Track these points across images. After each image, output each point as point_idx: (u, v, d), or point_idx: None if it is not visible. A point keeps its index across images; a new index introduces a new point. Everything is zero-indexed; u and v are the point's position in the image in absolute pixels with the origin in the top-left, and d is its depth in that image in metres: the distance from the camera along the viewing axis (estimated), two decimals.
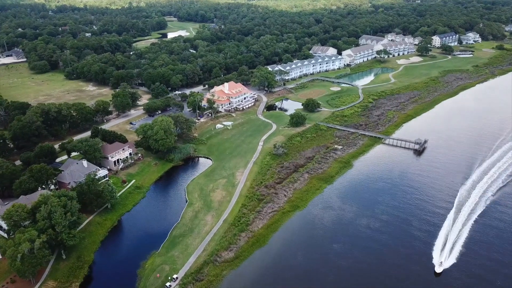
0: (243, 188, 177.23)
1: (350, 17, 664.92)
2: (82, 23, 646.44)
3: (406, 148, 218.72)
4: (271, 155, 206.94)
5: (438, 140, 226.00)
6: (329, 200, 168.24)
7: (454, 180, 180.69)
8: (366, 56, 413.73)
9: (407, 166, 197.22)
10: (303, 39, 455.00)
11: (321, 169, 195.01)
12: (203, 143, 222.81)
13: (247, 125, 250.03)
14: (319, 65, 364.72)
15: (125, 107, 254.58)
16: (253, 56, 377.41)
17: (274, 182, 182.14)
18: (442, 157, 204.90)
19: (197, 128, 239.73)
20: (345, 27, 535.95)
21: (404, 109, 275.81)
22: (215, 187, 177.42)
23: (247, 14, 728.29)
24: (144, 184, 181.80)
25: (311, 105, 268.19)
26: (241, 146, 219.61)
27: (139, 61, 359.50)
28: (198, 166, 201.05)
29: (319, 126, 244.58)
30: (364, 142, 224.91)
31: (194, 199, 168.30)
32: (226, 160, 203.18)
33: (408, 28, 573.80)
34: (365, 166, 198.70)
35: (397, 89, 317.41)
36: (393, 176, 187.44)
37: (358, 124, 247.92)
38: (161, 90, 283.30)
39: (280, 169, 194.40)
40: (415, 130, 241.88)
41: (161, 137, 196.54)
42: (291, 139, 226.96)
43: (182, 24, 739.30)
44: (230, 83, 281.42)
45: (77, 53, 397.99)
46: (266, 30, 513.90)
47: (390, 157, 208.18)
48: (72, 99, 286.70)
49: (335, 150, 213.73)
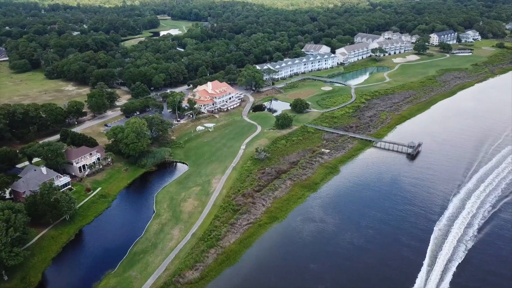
0: (218, 197, 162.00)
1: (346, 15, 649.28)
2: (72, 22, 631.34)
3: (398, 152, 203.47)
4: (253, 159, 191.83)
5: (433, 143, 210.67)
6: (310, 211, 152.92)
7: (448, 188, 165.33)
8: (361, 55, 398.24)
9: (398, 172, 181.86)
10: (296, 37, 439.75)
11: (305, 175, 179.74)
12: (180, 147, 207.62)
13: (230, 127, 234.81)
14: (311, 64, 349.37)
15: (100, 108, 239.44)
16: (242, 55, 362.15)
17: (253, 190, 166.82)
18: (436, 162, 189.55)
19: (175, 130, 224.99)
20: (340, 25, 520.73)
21: (398, 109, 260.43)
22: (187, 196, 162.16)
23: (242, 12, 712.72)
24: (110, 192, 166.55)
25: (299, 106, 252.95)
26: (221, 150, 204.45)
27: (122, 59, 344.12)
28: (172, 172, 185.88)
29: (306, 128, 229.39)
30: (354, 145, 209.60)
31: (162, 210, 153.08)
32: (203, 166, 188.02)
33: (405, 26, 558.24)
34: (353, 172, 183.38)
35: (392, 89, 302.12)
36: (383, 183, 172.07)
37: (348, 126, 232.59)
38: (141, 90, 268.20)
39: (261, 175, 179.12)
40: (409, 132, 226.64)
41: (132, 140, 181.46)
42: (275, 142, 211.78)
43: (175, 22, 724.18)
44: (214, 83, 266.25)
45: (60, 52, 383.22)
46: (259, 28, 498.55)
47: (381, 162, 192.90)
48: (49, 100, 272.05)
49: (321, 154, 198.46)
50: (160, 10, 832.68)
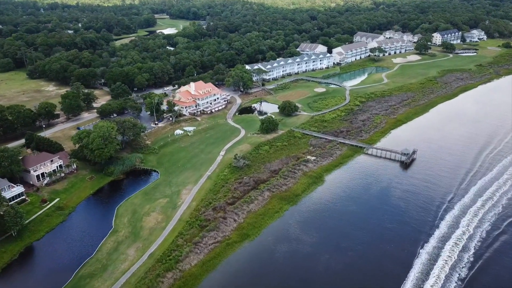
0: (186, 210, 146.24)
1: (347, 14, 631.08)
2: (68, 20, 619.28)
3: (391, 160, 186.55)
4: (231, 167, 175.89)
5: (429, 151, 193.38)
6: (287, 228, 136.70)
7: (442, 203, 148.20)
8: (359, 54, 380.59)
9: (388, 183, 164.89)
10: (292, 36, 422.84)
11: (286, 185, 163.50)
12: (154, 153, 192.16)
13: (211, 131, 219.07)
14: (305, 64, 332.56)
15: (74, 109, 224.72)
16: (234, 54, 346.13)
17: (226, 202, 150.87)
18: (431, 172, 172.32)
19: (151, 134, 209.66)
20: (340, 24, 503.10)
21: (394, 113, 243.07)
22: (151, 209, 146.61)
23: (241, 11, 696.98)
24: (69, 204, 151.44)
25: (288, 108, 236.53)
26: (198, 156, 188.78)
27: (108, 59, 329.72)
28: (141, 181, 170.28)
29: (293, 132, 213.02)
30: (343, 152, 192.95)
31: (121, 225, 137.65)
32: (176, 174, 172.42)
33: (408, 25, 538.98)
34: (338, 182, 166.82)
35: (389, 91, 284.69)
36: (370, 196, 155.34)
37: (339, 131, 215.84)
38: (121, 90, 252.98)
39: (238, 185, 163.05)
40: (404, 138, 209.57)
41: (97, 146, 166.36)
42: (258, 148, 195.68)
43: (173, 21, 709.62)
44: (198, 83, 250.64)
45: (47, 51, 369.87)
46: (255, 26, 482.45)
47: (370, 171, 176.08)
48: (25, 101, 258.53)
49: (306, 161, 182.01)
50: (159, 9, 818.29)
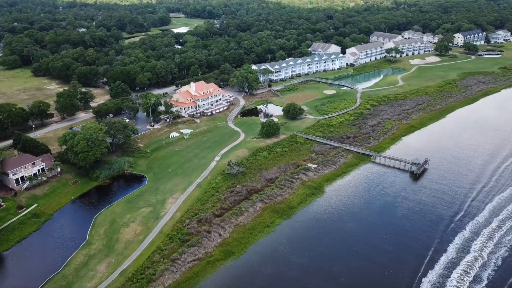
0: (168, 222, 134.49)
1: (365, 13, 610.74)
2: (83, 18, 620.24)
3: (399, 170, 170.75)
4: (224, 175, 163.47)
5: (443, 161, 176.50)
6: (276, 246, 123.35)
7: (452, 222, 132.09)
8: (374, 55, 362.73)
9: (394, 197, 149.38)
10: (305, 36, 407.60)
11: (281, 196, 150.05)
12: (146, 156, 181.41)
13: (209, 134, 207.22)
14: (316, 64, 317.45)
15: (69, 109, 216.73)
16: (242, 53, 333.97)
17: (213, 214, 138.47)
18: (443, 186, 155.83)
19: (145, 136, 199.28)
20: (356, 24, 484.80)
21: (407, 118, 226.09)
22: (132, 219, 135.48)
23: (257, 10, 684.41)
24: (46, 211, 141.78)
25: (292, 111, 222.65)
26: (191, 161, 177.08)
27: (113, 57, 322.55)
28: (126, 187, 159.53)
29: (295, 137, 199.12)
30: (347, 160, 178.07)
31: (97, 237, 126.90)
32: (164, 180, 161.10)
33: (429, 25, 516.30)
34: (339, 194, 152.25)
35: (403, 94, 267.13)
36: (372, 211, 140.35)
37: (345, 136, 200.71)
38: (120, 90, 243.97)
39: (229, 194, 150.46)
40: (416, 146, 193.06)
41: (82, 149, 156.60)
42: (256, 153, 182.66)
43: (188, 20, 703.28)
44: (199, 83, 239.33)
45: (55, 48, 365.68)
46: (267, 25, 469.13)
47: (376, 181, 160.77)
48: (25, 99, 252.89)
49: (306, 170, 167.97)
50: (175, 8, 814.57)
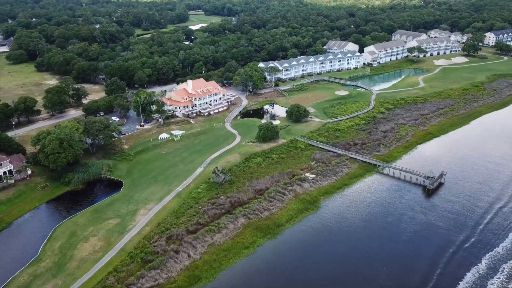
0: (135, 237, 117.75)
1: (390, 11, 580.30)
2: (102, 15, 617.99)
3: (411, 184, 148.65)
4: (208, 183, 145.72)
5: (462, 175, 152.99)
6: (252, 272, 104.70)
7: (466, 252, 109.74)
8: (395, 54, 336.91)
9: (400, 216, 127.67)
10: (322, 33, 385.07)
11: (268, 210, 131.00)
12: (128, 159, 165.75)
13: (203, 136, 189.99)
14: (329, 63, 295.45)
15: (57, 105, 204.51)
16: (252, 50, 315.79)
17: (187, 230, 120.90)
18: (459, 205, 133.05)
19: (133, 137, 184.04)
20: (379, 22, 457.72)
21: (425, 123, 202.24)
22: (94, 232, 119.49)
23: (277, 7, 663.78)
24: (5, 218, 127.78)
25: (296, 113, 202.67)
26: (176, 166, 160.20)
27: (117, 52, 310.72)
28: (99, 194, 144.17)
29: (296, 142, 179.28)
30: (351, 170, 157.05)
31: (49, 252, 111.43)
32: (142, 187, 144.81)
33: (458, 24, 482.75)
34: (336, 210, 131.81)
35: (424, 97, 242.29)
36: (371, 234, 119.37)
37: (352, 143, 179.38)
38: (116, 86, 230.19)
39: (209, 207, 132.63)
40: (432, 156, 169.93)
41: (52, 150, 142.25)
42: (248, 159, 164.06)
43: (207, 18, 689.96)
44: (197, 81, 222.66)
45: (63, 43, 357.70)
46: (283, 22, 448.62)
47: (381, 197, 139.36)
48: (21, 94, 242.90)
49: (302, 180, 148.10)
50: (195, 6, 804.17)
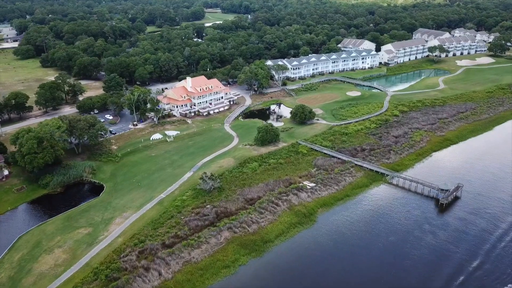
0: (104, 250, 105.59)
1: (412, 9, 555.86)
2: (118, 12, 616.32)
3: (422, 197, 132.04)
4: (195, 190, 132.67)
5: (481, 188, 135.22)
6: None
7: (480, 281, 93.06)
8: (414, 54, 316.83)
9: (405, 236, 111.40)
10: (337, 31, 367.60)
11: (257, 223, 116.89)
12: (114, 161, 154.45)
13: (198, 137, 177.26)
14: (343, 62, 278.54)
15: (50, 101, 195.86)
16: (261, 48, 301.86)
17: (162, 243, 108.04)
18: (476, 224, 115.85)
19: (121, 137, 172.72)
20: (399, 20, 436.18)
21: (443, 129, 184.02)
22: (61, 243, 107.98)
23: (295, 5, 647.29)
24: None
25: (301, 115, 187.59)
26: (164, 170, 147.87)
27: (123, 48, 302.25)
28: (78, 199, 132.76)
29: (298, 146, 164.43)
30: (355, 179, 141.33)
31: (7, 265, 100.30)
32: (123, 192, 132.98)
33: (485, 22, 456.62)
34: (333, 226, 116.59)
35: (443, 99, 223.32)
36: (370, 256, 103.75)
37: (359, 148, 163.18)
38: (114, 83, 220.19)
39: (192, 217, 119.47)
40: (448, 165, 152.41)
41: (29, 150, 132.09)
42: (243, 164, 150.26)
43: (223, 16, 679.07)
44: (197, 78, 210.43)
45: (71, 39, 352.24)
46: (298, 20, 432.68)
47: (386, 212, 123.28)
48: (20, 89, 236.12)
49: (300, 189, 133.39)
50: (213, 3, 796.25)
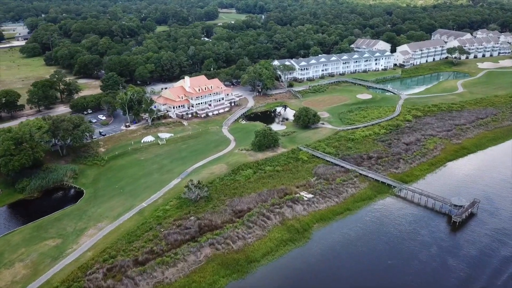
0: (69, 266, 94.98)
1: (433, 10, 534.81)
2: (132, 11, 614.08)
3: (432, 212, 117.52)
4: (181, 199, 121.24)
5: (501, 205, 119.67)
6: None
7: None
8: (432, 55, 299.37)
9: (410, 259, 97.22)
10: (351, 31, 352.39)
11: (244, 240, 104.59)
12: (99, 165, 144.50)
13: (192, 140, 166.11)
14: (354, 63, 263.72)
15: (42, 100, 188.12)
16: (270, 48, 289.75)
17: (135, 259, 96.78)
18: (493, 249, 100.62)
19: (110, 139, 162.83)
20: (418, 20, 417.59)
21: (459, 136, 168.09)
22: (24, 256, 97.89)
23: (312, 6, 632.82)
24: None
25: (304, 118, 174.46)
26: (150, 175, 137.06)
27: (127, 47, 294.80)
28: (55, 205, 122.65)
29: (298, 153, 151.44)
30: (359, 190, 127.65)
31: None
32: (103, 200, 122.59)
33: (509, 23, 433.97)
34: (329, 245, 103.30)
35: (461, 104, 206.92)
36: (366, 284, 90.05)
37: (366, 156, 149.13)
38: (112, 82, 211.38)
39: (173, 230, 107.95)
40: (464, 177, 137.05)
41: (3, 151, 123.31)
42: (236, 171, 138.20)
43: (237, 16, 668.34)
44: (196, 78, 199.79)
45: (78, 37, 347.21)
46: (312, 19, 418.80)
47: (391, 229, 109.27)
48: (18, 87, 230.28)
49: (295, 201, 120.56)
50: (228, 4, 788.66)
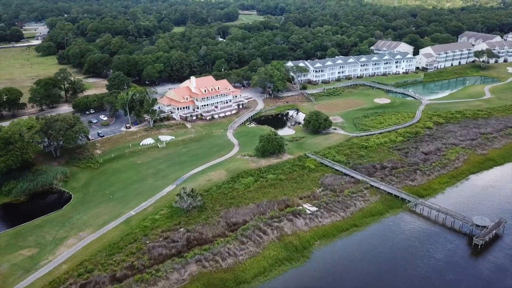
0: (40, 280, 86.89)
1: (460, 12, 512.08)
2: (151, 12, 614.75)
3: (450, 232, 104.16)
4: (172, 208, 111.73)
5: None
6: None
7: None
8: (458, 58, 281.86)
9: (422, 284, 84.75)
10: (372, 32, 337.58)
11: (235, 257, 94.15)
12: (93, 168, 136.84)
13: (194, 144, 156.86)
14: (373, 66, 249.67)
15: (44, 99, 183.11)
16: (286, 49, 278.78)
17: (112, 275, 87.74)
18: None
19: (108, 141, 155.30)
20: (444, 22, 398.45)
21: (485, 146, 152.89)
22: None
23: (334, 8, 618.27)
24: None
25: (314, 123, 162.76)
26: (144, 181, 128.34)
27: (139, 46, 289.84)
28: (40, 210, 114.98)
29: (305, 160, 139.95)
30: (369, 204, 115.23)
31: None
32: (90, 206, 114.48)
33: None
34: (331, 267, 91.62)
35: (488, 110, 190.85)
36: None
37: (379, 166, 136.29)
38: (119, 81, 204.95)
39: (159, 243, 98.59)
40: (488, 193, 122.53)
41: None
42: (236, 179, 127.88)
43: (258, 17, 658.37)
44: (202, 79, 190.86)
45: (94, 36, 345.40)
46: (331, 21, 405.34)
47: (403, 251, 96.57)
48: (26, 86, 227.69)
49: (297, 214, 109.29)
50: (249, 5, 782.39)
